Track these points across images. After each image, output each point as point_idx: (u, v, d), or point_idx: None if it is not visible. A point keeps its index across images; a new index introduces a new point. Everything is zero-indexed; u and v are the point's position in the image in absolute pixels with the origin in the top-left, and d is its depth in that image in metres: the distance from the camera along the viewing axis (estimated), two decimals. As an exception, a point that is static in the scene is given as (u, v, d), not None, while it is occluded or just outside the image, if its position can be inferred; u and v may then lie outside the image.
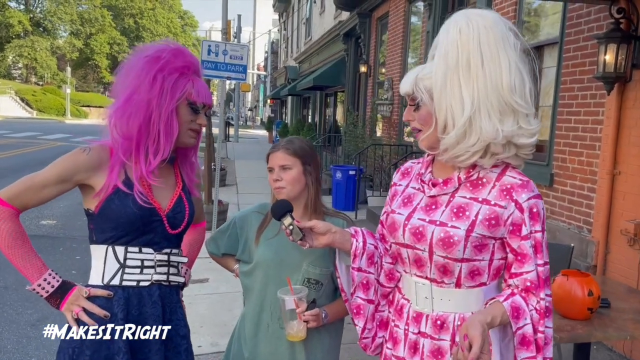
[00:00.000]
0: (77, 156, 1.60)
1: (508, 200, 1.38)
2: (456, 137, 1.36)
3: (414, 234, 1.44)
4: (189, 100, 1.64)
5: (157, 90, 1.58)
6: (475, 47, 1.34)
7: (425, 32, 7.65)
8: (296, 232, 1.54)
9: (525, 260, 1.38)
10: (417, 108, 1.46)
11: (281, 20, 31.16)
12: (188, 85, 1.64)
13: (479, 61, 1.34)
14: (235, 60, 6.62)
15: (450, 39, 1.37)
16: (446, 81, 1.36)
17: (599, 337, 2.33)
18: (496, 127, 1.34)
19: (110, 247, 1.62)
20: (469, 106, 1.34)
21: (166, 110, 1.60)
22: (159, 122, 1.59)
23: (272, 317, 1.87)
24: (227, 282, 5.00)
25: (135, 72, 1.60)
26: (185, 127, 1.67)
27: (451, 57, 1.36)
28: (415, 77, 1.45)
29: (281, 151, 1.86)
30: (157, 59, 1.60)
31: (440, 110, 1.38)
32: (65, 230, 7.27)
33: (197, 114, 1.68)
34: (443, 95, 1.37)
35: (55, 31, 57.18)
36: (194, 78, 1.66)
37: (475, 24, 1.35)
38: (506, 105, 1.35)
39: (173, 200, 1.71)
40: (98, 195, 1.60)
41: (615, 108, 3.88)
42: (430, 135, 1.44)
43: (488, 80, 1.34)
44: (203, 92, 1.67)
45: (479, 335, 1.23)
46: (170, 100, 1.60)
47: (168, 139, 1.62)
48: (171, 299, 1.72)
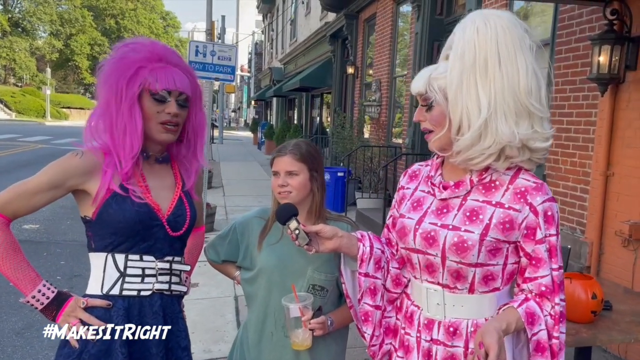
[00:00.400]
0: (70, 160, 1.53)
1: (522, 204, 1.35)
2: (471, 139, 1.33)
3: (426, 238, 1.40)
4: (150, 91, 1.54)
5: (114, 90, 1.53)
6: (492, 47, 1.31)
7: (414, 34, 7.64)
8: (302, 237, 1.49)
9: (540, 265, 1.35)
10: (429, 108, 1.42)
11: (265, 22, 31.05)
12: (145, 74, 1.53)
13: (497, 62, 1.31)
14: (223, 61, 6.54)
15: (467, 38, 1.33)
16: (462, 81, 1.33)
17: (604, 340, 2.31)
18: (512, 129, 1.31)
19: (110, 255, 1.55)
20: (486, 108, 1.31)
21: (125, 106, 1.52)
22: (122, 119, 1.53)
23: (277, 325, 1.81)
24: (218, 287, 4.92)
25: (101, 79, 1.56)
26: (155, 120, 1.57)
27: (468, 56, 1.32)
28: (428, 77, 1.41)
29: (288, 156, 1.80)
30: (118, 59, 1.55)
31: (455, 110, 1.35)
32: (49, 234, 7.10)
33: (163, 103, 1.56)
34: (459, 96, 1.33)
35: (35, 32, 56.24)
36: (155, 66, 1.55)
37: (493, 24, 1.32)
38: (522, 107, 1.32)
39: (173, 202, 1.64)
40: (95, 201, 1.53)
41: (609, 109, 3.89)
42: (442, 136, 1.40)
43: (505, 82, 1.31)
44: (164, 78, 1.54)
45: (495, 343, 1.20)
46: (127, 94, 1.52)
47: (134, 134, 1.53)
48: (173, 309, 1.66)
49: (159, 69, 1.55)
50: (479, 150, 1.34)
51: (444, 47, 1.44)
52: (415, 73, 7.34)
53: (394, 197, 1.63)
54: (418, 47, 7.33)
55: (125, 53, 1.57)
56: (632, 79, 3.77)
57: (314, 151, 1.86)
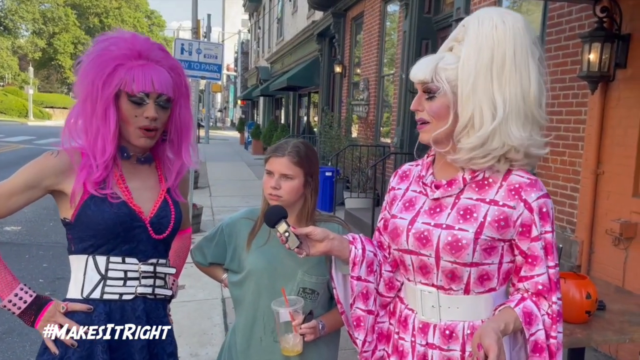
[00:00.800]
0: (45, 160, 1.47)
1: (517, 200, 1.31)
2: (481, 140, 1.29)
3: (419, 239, 1.36)
4: (127, 93, 1.44)
5: (89, 88, 1.44)
6: (510, 47, 1.27)
7: (402, 32, 7.61)
8: (292, 240, 1.42)
9: (536, 263, 1.32)
10: (431, 98, 1.35)
11: (252, 20, 30.90)
12: (124, 75, 1.43)
13: (513, 63, 1.27)
14: (209, 59, 6.44)
15: (485, 33, 1.28)
16: (478, 78, 1.28)
17: (598, 341, 2.28)
18: (521, 133, 1.29)
19: (91, 257, 1.48)
20: (501, 110, 1.27)
21: (99, 107, 1.44)
22: (96, 121, 1.45)
23: (266, 329, 1.75)
24: (205, 289, 4.84)
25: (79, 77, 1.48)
26: (133, 124, 1.47)
27: (486, 52, 1.27)
28: (435, 65, 1.34)
29: (286, 158, 1.72)
30: (96, 55, 1.47)
31: (466, 107, 1.30)
32: (31, 236, 6.95)
33: (141, 106, 1.46)
34: (473, 93, 1.28)
35: (17, 30, 55.44)
36: (134, 65, 1.44)
37: (511, 24, 1.28)
38: (529, 113, 1.30)
39: (157, 203, 1.57)
40: (73, 202, 1.46)
41: (599, 107, 3.88)
42: (443, 131, 1.34)
43: (519, 86, 1.28)
44: (141, 79, 1.43)
45: (494, 344, 1.16)
46: (102, 95, 1.43)
47: (107, 137, 1.45)
48: (157, 313, 1.59)
49: (137, 68, 1.44)
50: (485, 150, 1.30)
51: (447, 39, 1.39)
52: (403, 72, 7.34)
53: (385, 198, 1.58)
54: (406, 46, 7.30)
55: (105, 48, 1.48)
56: (622, 77, 3.75)
57: (312, 154, 1.79)
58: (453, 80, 1.31)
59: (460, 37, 1.34)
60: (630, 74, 3.69)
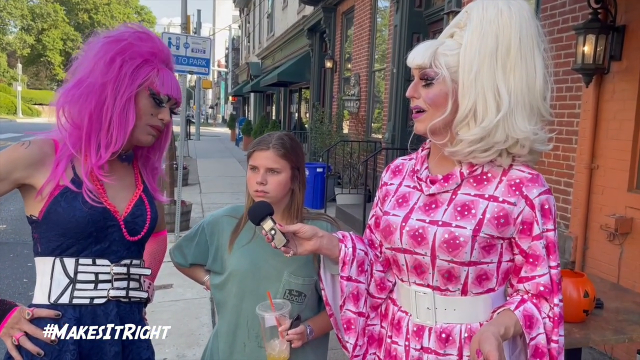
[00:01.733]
0: (15, 151, 1.36)
1: (518, 196, 1.24)
2: (484, 132, 1.21)
3: (413, 236, 1.28)
4: (152, 90, 1.41)
5: (114, 74, 1.35)
6: (516, 35, 1.19)
7: (393, 26, 7.52)
8: (279, 238, 1.33)
9: (537, 263, 1.25)
10: (428, 85, 1.27)
11: (242, 16, 30.70)
12: (152, 73, 1.42)
13: (519, 52, 1.19)
14: (197, 53, 6.33)
15: (490, 18, 1.20)
16: (482, 65, 1.19)
17: (597, 341, 2.20)
18: (526, 126, 1.20)
19: (58, 260, 1.38)
20: (506, 100, 1.19)
21: (122, 97, 1.36)
22: (112, 110, 1.36)
23: (250, 334, 1.65)
24: (193, 288, 4.74)
25: (92, 53, 1.38)
26: (144, 121, 1.43)
27: (490, 38, 1.19)
28: (434, 50, 1.25)
29: (271, 151, 1.62)
30: (118, 41, 1.38)
31: (467, 96, 1.21)
32: (16, 235, 6.82)
33: (159, 107, 1.45)
34: (475, 81, 1.20)
35: (5, 27, 54.80)
36: (160, 67, 1.45)
37: (517, 11, 1.20)
38: (535, 107, 1.23)
39: (132, 202, 1.48)
40: (40, 196, 1.36)
41: (593, 101, 3.81)
42: (440, 120, 1.26)
43: (524, 78, 1.20)
44: (169, 83, 1.45)
45: (494, 350, 1.08)
46: (129, 86, 1.37)
47: (121, 130, 1.39)
48: (132, 317, 1.49)
49: (165, 72, 1.46)
50: (487, 144, 1.22)
51: (449, 26, 1.30)
52: (394, 66, 7.25)
53: (376, 194, 1.50)
54: (397, 40, 7.21)
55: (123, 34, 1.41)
56: (616, 69, 3.69)
57: (297, 146, 1.68)
58: (453, 66, 1.23)
59: (462, 24, 1.26)
60: (626, 66, 3.62)
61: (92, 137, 1.38)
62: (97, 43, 1.40)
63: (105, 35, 1.42)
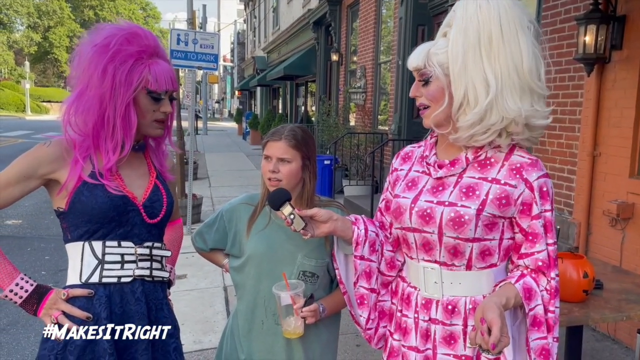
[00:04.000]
0: (38, 150, 1.50)
1: (518, 180, 1.36)
2: (478, 116, 1.32)
3: (422, 216, 1.40)
4: (148, 89, 1.52)
5: (109, 84, 1.46)
6: (496, 24, 1.31)
7: (398, 19, 7.58)
8: (298, 222, 1.46)
9: (536, 240, 1.36)
10: (426, 83, 1.41)
11: (247, 10, 30.71)
12: (145, 72, 1.50)
13: (500, 39, 1.31)
14: (205, 49, 6.43)
15: (470, 14, 1.33)
16: (467, 57, 1.32)
17: (596, 319, 2.31)
18: (518, 105, 1.31)
19: (87, 243, 1.52)
20: (494, 84, 1.31)
21: (121, 104, 1.48)
22: (114, 117, 1.48)
23: (267, 313, 1.78)
24: (206, 278, 4.88)
25: (84, 64, 1.48)
26: (149, 118, 1.55)
27: (472, 32, 1.32)
28: (427, 52, 1.39)
29: (283, 142, 1.74)
30: (106, 47, 1.47)
31: (459, 87, 1.34)
32: (33, 229, 6.99)
33: (159, 101, 1.55)
34: (463, 72, 1.33)
35: (12, 25, 55.08)
36: (151, 62, 1.52)
37: (495, 3, 1.33)
38: (525, 85, 1.33)
39: (148, 189, 1.61)
40: (65, 190, 1.49)
41: (595, 89, 3.88)
42: (441, 112, 1.39)
43: (509, 59, 1.31)
44: (163, 78, 1.52)
45: (497, 318, 1.19)
46: (125, 93, 1.48)
47: (127, 133, 1.51)
48: (156, 295, 1.62)
49: (154, 65, 1.52)
50: (485, 126, 1.34)
51: (441, 25, 1.43)
52: (400, 58, 7.32)
53: (387, 179, 1.62)
54: (402, 32, 7.28)
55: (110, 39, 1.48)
56: (617, 58, 3.76)
57: (309, 138, 1.80)
58: (444, 63, 1.36)
59: (451, 22, 1.38)
60: (626, 56, 3.69)
61: (100, 143, 1.51)
62: (87, 52, 1.49)
63: (94, 44, 1.48)
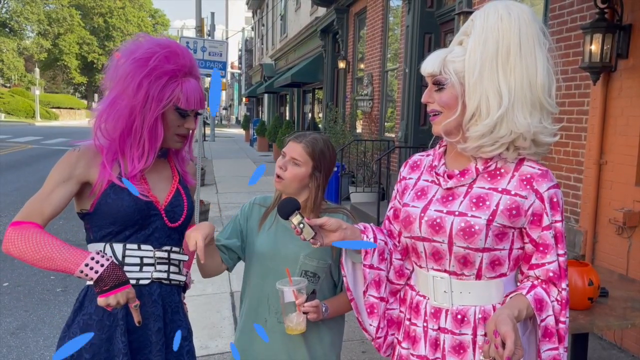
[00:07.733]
0: (69, 156, 1.57)
1: (529, 190, 1.35)
2: (488, 127, 1.33)
3: (432, 226, 1.40)
4: (177, 106, 1.58)
5: (142, 98, 1.52)
6: (515, 37, 1.32)
7: (405, 27, 7.63)
8: (307, 231, 1.46)
9: (547, 251, 1.36)
10: (440, 90, 1.40)
11: (255, 18, 30.91)
12: (177, 90, 1.57)
13: (518, 52, 1.31)
14: (214, 56, 6.50)
15: (491, 26, 1.33)
16: (484, 68, 1.32)
17: (601, 326, 2.32)
18: (527, 120, 1.32)
19: (108, 245, 1.57)
20: (507, 98, 1.31)
21: (150, 118, 1.55)
22: (142, 128, 1.55)
23: (270, 310, 1.83)
24: (214, 283, 4.90)
25: (121, 74, 1.54)
26: (172, 132, 1.62)
27: (491, 44, 1.32)
28: (443, 58, 1.39)
29: (301, 145, 1.80)
30: (146, 61, 1.53)
31: (473, 97, 1.34)
32: (41, 234, 7.04)
33: (185, 118, 1.62)
34: (479, 83, 1.33)
35: (22, 31, 55.63)
36: (184, 81, 1.58)
37: (516, 15, 1.33)
38: (537, 101, 1.33)
39: (170, 193, 1.66)
40: (93, 192, 1.55)
41: (601, 98, 3.90)
42: (452, 120, 1.39)
43: (524, 74, 1.32)
44: (193, 98, 1.59)
45: (511, 331, 1.19)
46: (155, 107, 1.54)
47: (152, 145, 1.58)
48: (172, 298, 1.67)
49: (187, 84, 1.58)
50: (493, 138, 1.34)
51: (458, 33, 1.44)
52: (406, 66, 7.36)
53: (395, 188, 1.62)
54: (409, 40, 7.32)
55: (150, 55, 1.53)
56: (623, 67, 3.78)
57: (328, 152, 1.83)
58: (460, 71, 1.36)
59: (469, 31, 1.38)
60: (632, 64, 3.71)
61: (125, 149, 1.58)
62: (126, 64, 1.54)
63: (134, 57, 1.54)
